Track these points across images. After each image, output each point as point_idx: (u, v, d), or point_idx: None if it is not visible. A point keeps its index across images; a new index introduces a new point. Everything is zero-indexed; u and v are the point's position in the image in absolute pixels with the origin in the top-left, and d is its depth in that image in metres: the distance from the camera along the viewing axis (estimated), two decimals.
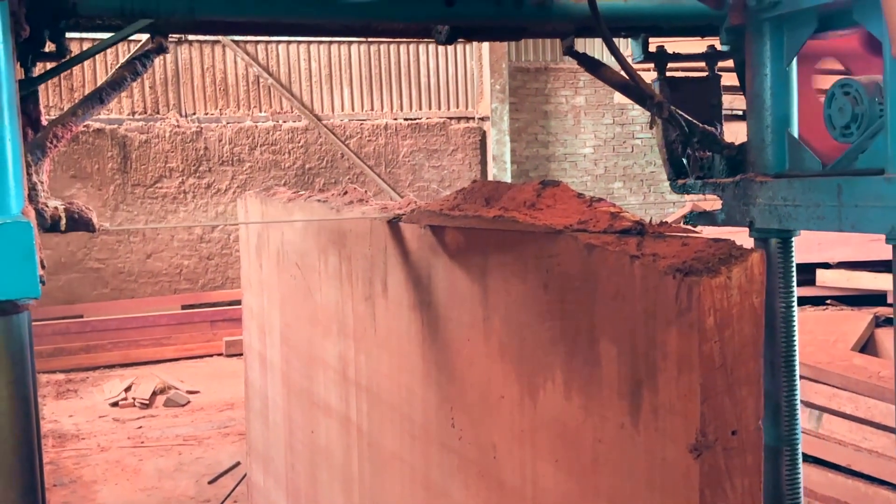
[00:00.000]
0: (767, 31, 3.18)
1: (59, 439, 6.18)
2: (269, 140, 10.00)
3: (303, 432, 3.27)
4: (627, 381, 1.43)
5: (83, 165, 9.28)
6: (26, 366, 1.95)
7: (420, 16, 3.10)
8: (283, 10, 2.99)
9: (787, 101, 3.20)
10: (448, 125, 10.84)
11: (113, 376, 8.03)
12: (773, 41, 3.18)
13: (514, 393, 1.77)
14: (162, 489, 5.24)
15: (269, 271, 3.67)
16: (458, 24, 3.14)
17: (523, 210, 1.77)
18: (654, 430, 1.37)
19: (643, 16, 3.34)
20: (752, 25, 3.19)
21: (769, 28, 3.18)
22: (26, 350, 1.96)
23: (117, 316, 8.87)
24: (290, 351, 3.40)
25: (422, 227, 2.14)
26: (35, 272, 1.89)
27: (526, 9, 3.11)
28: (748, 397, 1.32)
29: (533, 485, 1.72)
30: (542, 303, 1.66)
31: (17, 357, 1.93)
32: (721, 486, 1.31)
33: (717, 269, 1.30)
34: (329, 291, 2.88)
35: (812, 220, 3.00)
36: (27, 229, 1.89)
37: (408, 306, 2.27)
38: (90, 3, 2.55)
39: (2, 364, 1.90)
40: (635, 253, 1.42)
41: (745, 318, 1.31)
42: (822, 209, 2.97)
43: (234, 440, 6.07)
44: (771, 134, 3.21)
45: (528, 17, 3.17)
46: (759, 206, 3.18)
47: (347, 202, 2.80)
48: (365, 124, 10.44)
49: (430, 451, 2.18)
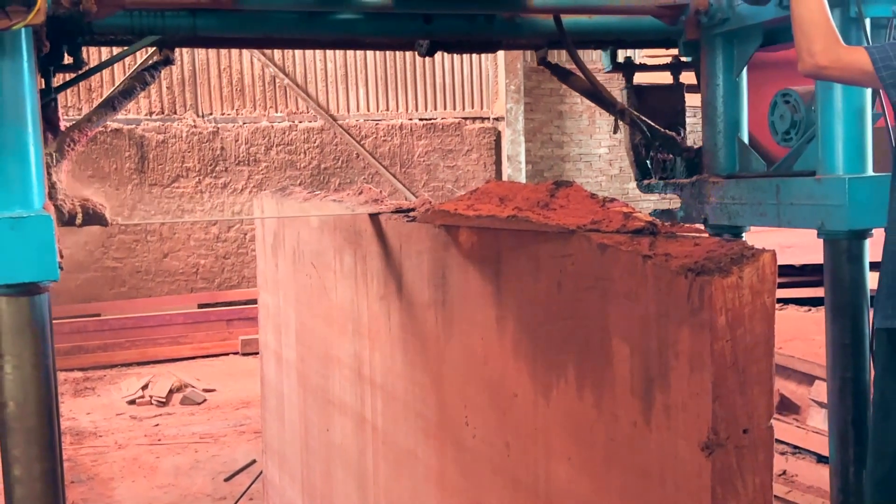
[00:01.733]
0: (719, 45, 3.44)
1: (76, 436, 6.23)
2: (285, 140, 10.04)
3: (318, 430, 3.29)
4: (640, 379, 1.44)
5: (101, 165, 9.35)
6: (47, 339, 2.24)
7: (402, 31, 3.35)
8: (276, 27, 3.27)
9: (738, 108, 3.49)
10: (463, 125, 10.85)
11: (130, 374, 8.08)
12: (724, 54, 3.44)
13: (528, 391, 1.79)
14: (178, 486, 5.28)
15: (284, 270, 3.70)
16: (436, 38, 3.37)
17: (537, 210, 1.79)
18: (667, 429, 1.38)
19: (607, 31, 3.60)
20: (706, 40, 3.44)
21: (720, 42, 3.43)
22: (47, 325, 2.24)
23: (134, 314, 8.93)
24: (306, 349, 3.43)
25: (436, 227, 2.15)
26: (54, 259, 2.18)
27: (497, 25, 3.36)
28: (760, 396, 1.33)
29: (546, 482, 1.74)
30: (556, 302, 1.67)
31: (40, 331, 2.22)
32: (733, 484, 1.32)
33: (728, 268, 1.31)
34: (344, 290, 2.90)
35: (756, 217, 3.24)
36: (48, 222, 2.18)
37: (422, 305, 2.29)
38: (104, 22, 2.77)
39: (27, 336, 2.19)
40: (648, 253, 1.43)
41: (757, 317, 1.32)
42: (763, 207, 3.21)
43: (249, 438, 6.10)
44: (723, 139, 3.49)
45: (499, 33, 3.45)
46: (712, 204, 3.42)
47: (363, 202, 2.82)
48: (380, 124, 10.47)
49: (445, 449, 2.20)
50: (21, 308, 2.19)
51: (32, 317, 2.21)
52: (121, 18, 2.92)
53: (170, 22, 3.03)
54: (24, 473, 2.22)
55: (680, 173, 3.72)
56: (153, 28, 3.02)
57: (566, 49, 3.49)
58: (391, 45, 3.97)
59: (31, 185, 2.26)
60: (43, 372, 2.22)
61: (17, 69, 2.22)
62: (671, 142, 3.71)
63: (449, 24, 3.29)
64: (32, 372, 2.19)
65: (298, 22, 3.19)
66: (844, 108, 2.89)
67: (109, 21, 2.82)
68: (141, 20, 2.98)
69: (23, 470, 2.22)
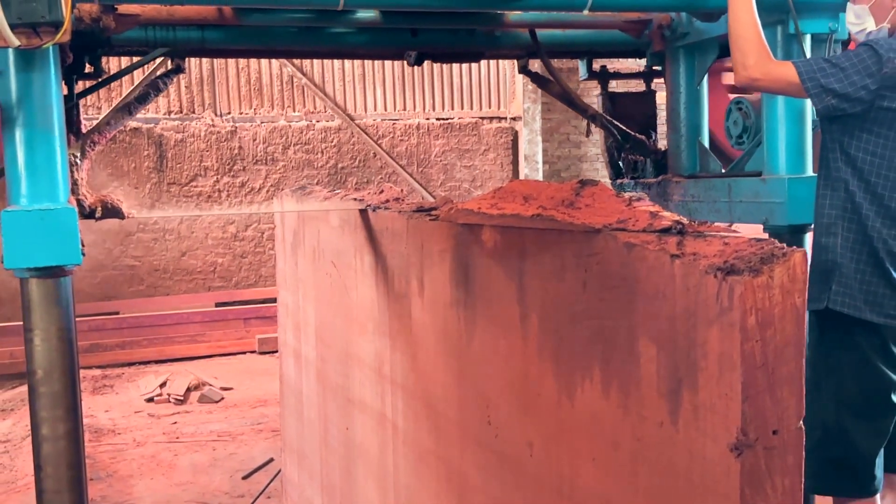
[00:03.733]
0: (681, 56, 3.75)
1: (95, 434, 6.26)
2: (303, 139, 10.07)
3: (337, 429, 3.29)
4: (667, 379, 1.43)
5: (120, 164, 9.40)
6: (70, 316, 2.57)
7: (391, 43, 3.67)
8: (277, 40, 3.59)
9: (699, 114, 3.81)
10: (480, 125, 10.84)
11: (148, 372, 8.12)
12: (685, 65, 3.76)
13: (552, 391, 1.78)
14: (197, 484, 5.29)
15: (304, 269, 3.70)
16: (423, 49, 3.66)
17: (561, 209, 1.78)
18: (695, 429, 1.37)
19: (580, 43, 4.01)
20: (669, 52, 3.76)
21: (682, 54, 3.74)
22: (71, 303, 2.58)
23: (152, 313, 8.97)
24: (326, 348, 3.43)
25: (459, 226, 2.15)
26: (77, 246, 2.50)
27: (478, 38, 3.69)
28: (790, 397, 1.32)
29: (571, 483, 1.73)
30: (581, 301, 1.67)
31: (64, 308, 2.55)
32: (762, 486, 1.31)
33: (758, 268, 1.30)
34: (365, 289, 2.90)
35: (711, 214, 3.50)
36: (71, 214, 2.51)
37: (444, 304, 2.28)
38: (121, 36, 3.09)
39: (53, 313, 2.52)
40: (676, 252, 1.42)
41: (787, 317, 1.31)
42: (717, 204, 3.48)
43: (267, 436, 6.12)
44: (685, 142, 3.83)
45: (481, 44, 3.77)
46: (675, 202, 3.70)
47: (383, 201, 2.82)
48: (397, 124, 10.47)
49: (466, 448, 2.19)
50: (48, 288, 2.51)
51: (58, 296, 2.52)
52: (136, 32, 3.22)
53: (180, 35, 3.35)
54: (50, 432, 2.55)
55: (649, 173, 4.05)
56: (165, 41, 3.34)
57: (541, 59, 3.82)
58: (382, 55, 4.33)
59: (57, 181, 2.56)
60: (67, 344, 2.54)
61: (45, 81, 2.51)
62: (641, 144, 4.05)
63: (434, 37, 3.59)
64: (58, 344, 2.52)
65: (297, 35, 3.51)
66: (786, 115, 3.18)
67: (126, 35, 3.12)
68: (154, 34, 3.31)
69: (49, 429, 2.54)
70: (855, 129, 2.69)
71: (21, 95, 2.49)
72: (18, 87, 2.49)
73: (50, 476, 2.55)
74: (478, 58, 3.95)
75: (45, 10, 2.25)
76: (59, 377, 2.53)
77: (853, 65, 2.63)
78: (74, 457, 2.58)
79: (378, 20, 3.31)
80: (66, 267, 2.53)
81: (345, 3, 2.73)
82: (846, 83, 2.62)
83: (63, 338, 2.53)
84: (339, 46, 3.64)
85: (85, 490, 2.66)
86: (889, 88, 2.62)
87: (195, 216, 9.60)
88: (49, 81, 2.52)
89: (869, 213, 2.69)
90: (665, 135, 3.97)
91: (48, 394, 2.53)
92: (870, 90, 2.62)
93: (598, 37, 3.95)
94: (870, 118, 2.66)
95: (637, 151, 4.07)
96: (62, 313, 2.53)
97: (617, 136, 4.10)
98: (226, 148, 9.77)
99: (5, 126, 2.50)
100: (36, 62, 2.47)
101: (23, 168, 2.52)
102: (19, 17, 2.25)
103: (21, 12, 2.24)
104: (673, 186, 3.73)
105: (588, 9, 2.88)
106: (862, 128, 2.68)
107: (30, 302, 2.51)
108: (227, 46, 3.60)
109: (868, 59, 2.62)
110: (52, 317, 2.52)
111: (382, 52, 4.17)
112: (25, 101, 2.49)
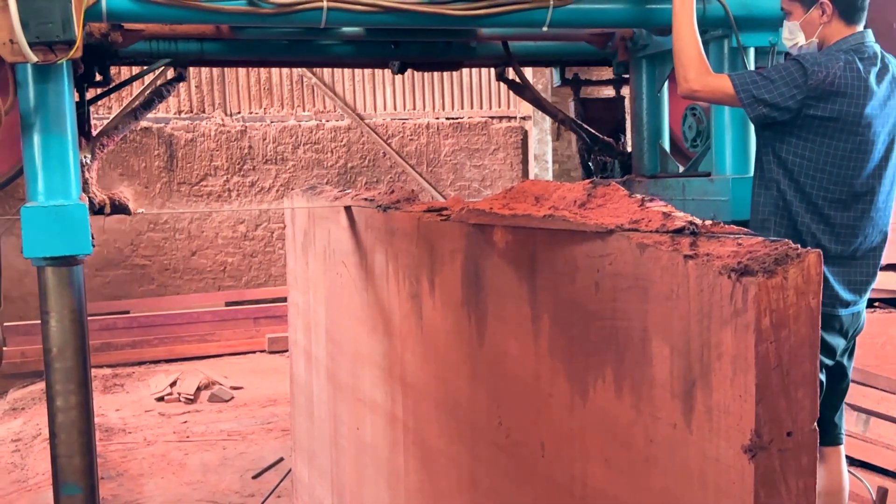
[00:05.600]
0: (643, 66, 4.04)
1: (105, 433, 6.28)
2: (312, 139, 10.07)
3: (348, 428, 3.29)
4: (680, 380, 1.43)
5: (130, 163, 9.42)
6: (82, 300, 2.89)
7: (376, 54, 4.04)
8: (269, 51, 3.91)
9: (659, 119, 4.10)
10: (490, 124, 10.83)
11: (158, 371, 8.14)
12: (647, 74, 4.05)
13: (564, 392, 1.78)
14: (207, 483, 5.30)
15: (315, 269, 3.70)
16: (405, 59, 3.99)
17: (574, 209, 1.78)
18: (708, 431, 1.37)
19: (550, 53, 4.40)
20: (633, 61, 4.06)
21: (644, 64, 4.03)
22: (82, 289, 2.91)
23: (163, 312, 8.99)
24: (336, 348, 3.43)
25: (470, 226, 2.14)
26: (87, 238, 2.80)
27: (455, 49, 4.05)
28: (804, 398, 1.31)
29: (582, 484, 1.72)
30: (593, 302, 1.66)
31: (76, 293, 2.87)
32: (776, 488, 1.30)
33: (773, 269, 1.29)
34: (375, 289, 2.90)
35: None
36: (83, 209, 2.81)
37: (454, 304, 2.28)
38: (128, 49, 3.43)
39: (66, 297, 2.83)
40: (689, 252, 1.41)
41: (802, 318, 1.30)
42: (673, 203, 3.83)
43: (277, 436, 6.13)
44: (646, 145, 4.11)
45: (458, 55, 4.11)
46: None
47: (394, 201, 2.82)
48: (407, 123, 10.47)
49: (477, 448, 2.19)
50: (62, 275, 2.82)
51: (71, 282, 2.83)
52: (141, 45, 3.53)
53: (181, 47, 3.68)
54: (63, 403, 2.86)
55: (617, 174, 4.32)
56: (168, 52, 3.68)
57: (513, 68, 4.14)
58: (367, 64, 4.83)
59: (70, 180, 2.85)
60: (78, 325, 2.86)
61: (59, 91, 2.81)
62: (609, 146, 4.36)
63: (414, 48, 3.93)
64: (70, 325, 2.83)
65: (287, 47, 3.81)
66: (732, 121, 3.46)
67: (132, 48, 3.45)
68: (158, 46, 3.65)
69: (63, 401, 2.86)
70: (785, 134, 2.95)
71: (38, 104, 2.78)
72: (36, 97, 2.78)
73: (63, 442, 2.88)
74: (456, 66, 4.31)
75: (59, 31, 2.55)
76: (72, 354, 2.85)
77: (782, 77, 2.89)
78: (85, 424, 2.90)
79: (362, 34, 3.59)
80: (77, 256, 2.83)
81: (326, 22, 3.02)
82: (776, 94, 2.88)
83: (75, 319, 2.84)
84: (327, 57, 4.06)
85: (94, 454, 2.97)
86: (814, 98, 2.87)
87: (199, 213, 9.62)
88: (62, 92, 2.81)
89: (798, 209, 2.96)
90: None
91: (62, 369, 2.84)
92: (797, 100, 2.87)
93: (566, 48, 4.29)
94: (798, 125, 2.92)
95: (605, 153, 4.37)
96: (74, 297, 2.84)
97: (586, 139, 4.38)
98: (236, 147, 9.79)
99: (24, 131, 2.79)
100: (51, 75, 2.77)
101: (39, 168, 2.82)
102: (37, 36, 2.55)
103: (39, 32, 2.54)
104: (636, 186, 3.92)
105: (546, 25, 3.18)
106: (791, 133, 2.94)
107: (46, 287, 2.81)
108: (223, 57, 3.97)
109: (795, 72, 2.88)
110: (66, 300, 2.82)
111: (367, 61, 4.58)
112: (42, 110, 2.78)
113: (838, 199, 2.95)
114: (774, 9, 3.21)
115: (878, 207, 3.01)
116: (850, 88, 2.88)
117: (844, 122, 2.90)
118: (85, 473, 2.92)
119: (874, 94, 2.92)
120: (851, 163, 2.93)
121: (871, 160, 2.96)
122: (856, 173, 2.94)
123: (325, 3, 2.97)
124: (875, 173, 2.98)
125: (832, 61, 2.90)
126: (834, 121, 2.90)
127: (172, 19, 3.16)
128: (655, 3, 3.30)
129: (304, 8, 2.97)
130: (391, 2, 3.06)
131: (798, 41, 3.07)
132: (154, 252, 9.54)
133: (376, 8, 3.04)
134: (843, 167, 2.93)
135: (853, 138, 2.92)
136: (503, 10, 3.10)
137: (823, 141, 2.92)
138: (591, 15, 3.30)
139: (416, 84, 10.52)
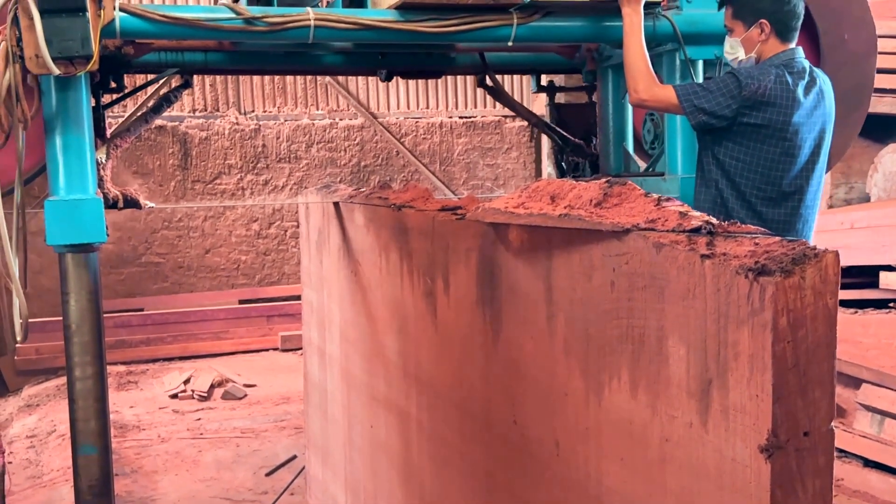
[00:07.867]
0: (609, 74, 4.40)
1: (120, 430, 6.31)
2: (326, 137, 10.09)
3: (362, 426, 3.30)
4: (696, 380, 1.43)
5: (145, 162, 9.46)
6: (97, 282, 3.26)
7: (364, 64, 4.45)
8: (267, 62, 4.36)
9: (623, 123, 4.43)
10: (503, 123, 10.83)
11: (172, 369, 8.17)
12: (612, 82, 4.38)
13: (579, 390, 1.78)
14: (221, 480, 5.33)
15: (329, 267, 3.71)
16: (391, 68, 4.39)
17: (589, 208, 1.78)
18: (724, 430, 1.37)
19: (523, 63, 4.79)
20: (599, 70, 4.43)
21: (610, 73, 4.39)
22: (97, 273, 3.27)
23: (177, 310, 9.03)
24: (350, 346, 3.44)
25: (485, 225, 2.15)
26: (102, 228, 3.17)
27: (436, 59, 4.44)
28: (821, 398, 1.31)
29: (597, 483, 1.73)
30: (609, 301, 1.66)
31: (92, 276, 3.24)
32: (793, 488, 1.30)
33: (790, 269, 1.29)
34: (389, 288, 2.91)
35: None
36: (98, 203, 3.19)
37: (469, 303, 2.28)
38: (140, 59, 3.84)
39: (83, 279, 3.21)
40: (706, 252, 1.41)
41: (819, 318, 1.30)
42: None
43: (290, 433, 6.15)
44: (612, 146, 4.46)
45: (439, 65, 4.51)
46: None
47: (409, 199, 2.82)
48: (420, 122, 10.47)
49: (492, 447, 2.20)
50: (80, 261, 3.19)
51: (87, 266, 3.21)
52: (151, 56, 3.94)
53: (188, 58, 4.10)
54: (80, 374, 3.22)
55: (588, 174, 4.63)
56: (175, 62, 4.09)
57: (489, 77, 4.51)
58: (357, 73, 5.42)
59: (87, 177, 3.20)
60: (94, 304, 3.23)
61: (78, 99, 3.17)
62: (580, 148, 4.67)
63: (399, 58, 4.36)
64: (87, 304, 3.21)
65: (284, 58, 4.21)
66: (682, 126, 3.72)
67: (143, 58, 3.86)
68: (166, 57, 4.07)
69: (80, 371, 3.22)
70: (723, 139, 3.29)
71: (59, 110, 3.14)
72: (57, 104, 3.14)
73: (80, 408, 3.23)
74: (438, 75, 4.72)
75: (78, 47, 2.97)
76: (88, 329, 3.21)
77: (719, 88, 3.23)
78: (100, 392, 3.26)
79: (349, 47, 4.05)
80: (93, 244, 3.20)
81: (314, 38, 3.33)
82: (714, 103, 3.22)
83: (91, 299, 3.22)
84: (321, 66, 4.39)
85: (108, 419, 3.32)
86: (748, 107, 3.20)
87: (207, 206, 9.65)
88: (81, 100, 3.17)
89: (734, 206, 3.30)
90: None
91: (79, 342, 3.21)
92: (732, 109, 3.21)
93: (539, 58, 4.69)
94: (733, 131, 3.25)
95: (576, 154, 4.69)
96: (91, 280, 3.22)
97: (558, 142, 4.72)
98: (249, 146, 9.82)
99: (47, 134, 3.15)
100: (71, 85, 3.14)
101: (60, 167, 3.17)
102: (59, 51, 2.95)
103: (60, 48, 2.95)
104: None
105: (511, 41, 3.49)
106: (728, 138, 3.28)
107: (66, 271, 3.19)
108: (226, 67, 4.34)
109: (731, 84, 3.21)
110: (83, 282, 3.20)
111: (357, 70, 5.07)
112: (62, 115, 3.15)
113: (769, 197, 3.29)
114: (718, 26, 3.53)
115: (807, 205, 3.34)
116: (779, 99, 3.20)
117: (773, 128, 3.21)
118: (100, 435, 3.26)
119: (801, 104, 3.23)
120: (780, 165, 3.26)
121: (798, 163, 3.28)
122: (784, 174, 3.27)
123: (312, 22, 3.30)
124: (802, 175, 3.30)
125: (764, 74, 3.21)
126: (764, 127, 3.21)
127: (178, 36, 3.56)
128: (609, 21, 3.60)
129: (294, 26, 3.30)
130: (370, 20, 3.38)
131: (738, 56, 3.38)
132: (168, 250, 9.58)
133: (357, 25, 3.36)
134: (773, 168, 3.26)
135: (782, 143, 3.23)
136: (471, 27, 3.44)
137: (755, 145, 3.24)
138: (551, 31, 3.61)
139: (429, 83, 10.53)
